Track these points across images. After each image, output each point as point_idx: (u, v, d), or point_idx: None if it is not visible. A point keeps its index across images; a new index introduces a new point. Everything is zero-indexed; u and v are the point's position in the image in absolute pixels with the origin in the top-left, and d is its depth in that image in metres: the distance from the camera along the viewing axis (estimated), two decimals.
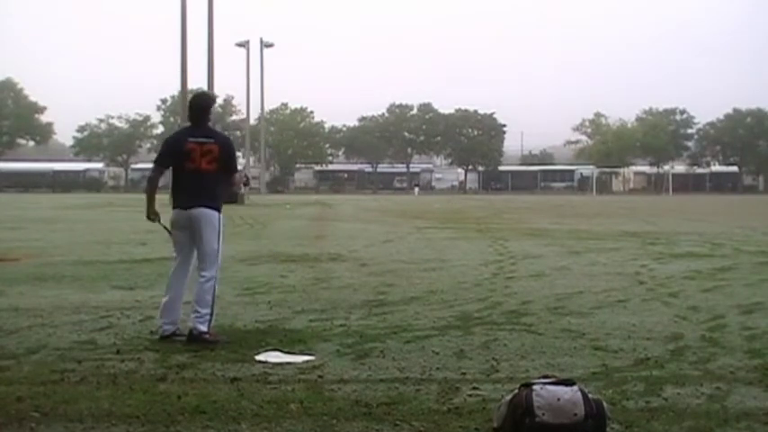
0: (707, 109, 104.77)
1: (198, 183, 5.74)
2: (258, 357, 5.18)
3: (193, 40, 41.94)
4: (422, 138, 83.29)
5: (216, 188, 5.82)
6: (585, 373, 4.78)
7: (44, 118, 78.20)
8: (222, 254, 5.90)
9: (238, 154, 6.27)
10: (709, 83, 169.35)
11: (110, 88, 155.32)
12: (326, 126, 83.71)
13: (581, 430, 3.53)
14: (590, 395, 3.69)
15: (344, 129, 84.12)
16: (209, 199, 5.77)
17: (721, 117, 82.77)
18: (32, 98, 77.41)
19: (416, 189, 71.25)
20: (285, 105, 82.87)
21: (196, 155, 5.71)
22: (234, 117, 76.84)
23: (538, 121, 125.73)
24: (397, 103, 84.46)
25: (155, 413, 3.98)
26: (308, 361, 5.11)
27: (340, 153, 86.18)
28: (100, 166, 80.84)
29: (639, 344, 5.63)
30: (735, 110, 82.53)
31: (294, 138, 79.72)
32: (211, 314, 5.63)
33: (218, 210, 5.80)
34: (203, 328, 5.55)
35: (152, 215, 5.99)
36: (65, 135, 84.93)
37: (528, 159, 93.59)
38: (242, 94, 58.50)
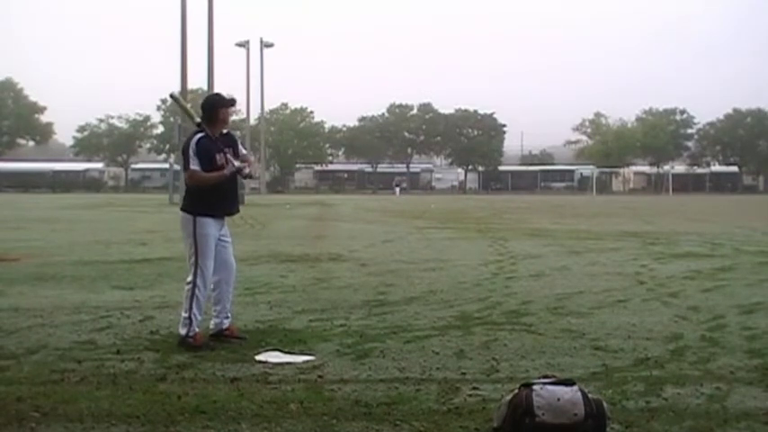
0: (707, 109, 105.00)
1: None
2: (258, 357, 5.19)
3: (193, 41, 42.06)
4: (422, 138, 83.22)
5: (187, 190, 5.84)
6: (585, 373, 4.78)
7: (44, 118, 78.23)
8: (204, 259, 5.58)
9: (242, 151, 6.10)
10: (709, 83, 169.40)
11: (110, 88, 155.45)
12: (326, 126, 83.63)
13: (581, 430, 3.53)
14: (590, 395, 3.69)
15: (344, 129, 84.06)
16: (183, 200, 5.84)
17: (721, 117, 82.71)
18: (32, 98, 77.47)
19: (397, 189, 68.78)
20: (285, 105, 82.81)
21: None
22: (234, 117, 76.49)
23: (538, 121, 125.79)
24: (397, 103, 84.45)
25: (155, 413, 3.98)
26: (307, 361, 5.11)
27: (340, 153, 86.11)
28: (100, 166, 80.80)
29: (639, 344, 5.64)
30: (735, 110, 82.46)
31: (294, 138, 79.65)
32: (189, 318, 5.51)
33: (188, 212, 5.67)
34: (182, 331, 5.53)
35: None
36: (65, 135, 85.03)
37: (528, 159, 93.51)
38: (242, 94, 58.60)
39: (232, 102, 5.96)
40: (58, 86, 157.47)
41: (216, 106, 5.77)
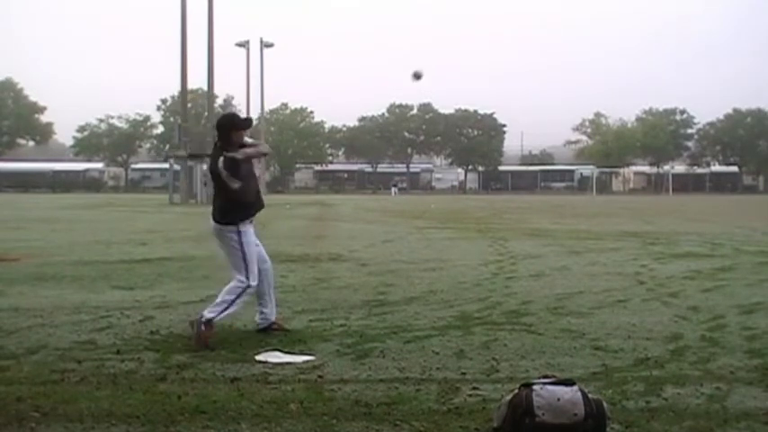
0: (707, 109, 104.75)
1: (213, 200, 6.06)
2: (258, 357, 5.19)
3: (193, 41, 42.06)
4: (422, 138, 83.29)
5: (221, 205, 5.89)
6: (585, 373, 4.78)
7: (44, 118, 78.37)
8: (252, 265, 5.83)
9: None
10: (709, 83, 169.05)
11: (110, 88, 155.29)
12: (326, 126, 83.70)
13: (581, 430, 3.53)
14: (590, 395, 3.69)
15: (344, 129, 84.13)
16: (220, 214, 5.88)
17: (721, 117, 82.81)
18: (32, 98, 77.57)
19: (393, 189, 68.88)
20: (285, 105, 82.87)
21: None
22: None
23: (538, 121, 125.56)
24: (397, 103, 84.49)
25: (155, 413, 3.98)
26: (307, 361, 5.11)
27: (340, 153, 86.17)
28: (100, 166, 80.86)
29: (639, 344, 5.63)
30: (735, 110, 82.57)
31: (294, 138, 79.72)
32: (225, 309, 5.67)
33: (232, 223, 5.80)
34: (209, 314, 5.60)
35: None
36: (65, 135, 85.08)
37: (528, 159, 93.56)
38: (242, 94, 58.70)
39: (247, 124, 6.07)
40: (58, 86, 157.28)
41: (228, 128, 5.86)
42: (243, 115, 6.50)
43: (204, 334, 5.49)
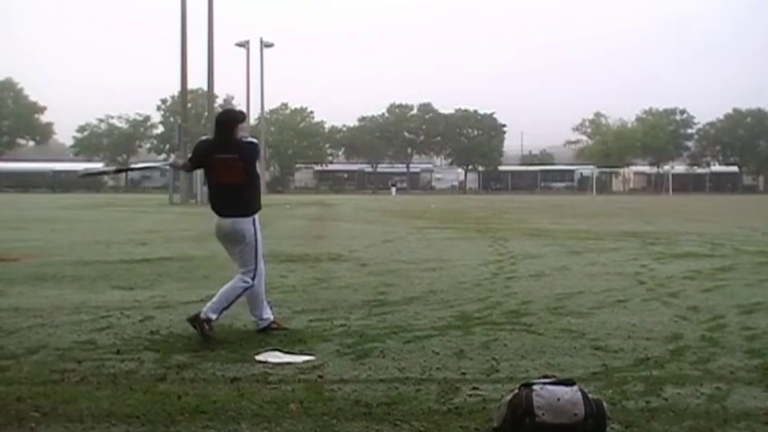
0: (707, 109, 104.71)
1: (227, 196, 5.90)
2: (258, 357, 5.19)
3: (193, 41, 42.13)
4: (422, 138, 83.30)
5: (252, 194, 5.95)
6: (585, 373, 4.78)
7: (44, 118, 78.36)
8: (263, 256, 6.00)
9: None
10: (709, 83, 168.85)
11: (110, 88, 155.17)
12: (326, 126, 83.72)
13: (581, 430, 3.53)
14: (590, 395, 3.69)
15: (344, 129, 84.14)
16: (242, 207, 5.88)
17: (721, 117, 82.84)
18: (32, 98, 77.59)
19: (393, 189, 69.10)
20: (285, 105, 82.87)
21: (222, 169, 5.86)
22: None
23: (538, 121, 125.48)
24: (397, 103, 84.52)
25: (155, 413, 3.98)
26: (307, 361, 5.11)
27: (340, 153, 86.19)
28: (100, 166, 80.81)
29: (639, 344, 5.63)
30: (735, 110, 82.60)
31: (294, 138, 79.72)
32: (225, 308, 5.75)
33: (251, 213, 5.88)
34: (212, 315, 5.65)
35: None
36: (65, 135, 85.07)
37: (528, 159, 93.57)
38: (242, 93, 58.62)
39: (243, 117, 6.15)
40: (58, 86, 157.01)
41: (231, 124, 5.90)
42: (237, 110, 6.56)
43: (209, 332, 5.58)
